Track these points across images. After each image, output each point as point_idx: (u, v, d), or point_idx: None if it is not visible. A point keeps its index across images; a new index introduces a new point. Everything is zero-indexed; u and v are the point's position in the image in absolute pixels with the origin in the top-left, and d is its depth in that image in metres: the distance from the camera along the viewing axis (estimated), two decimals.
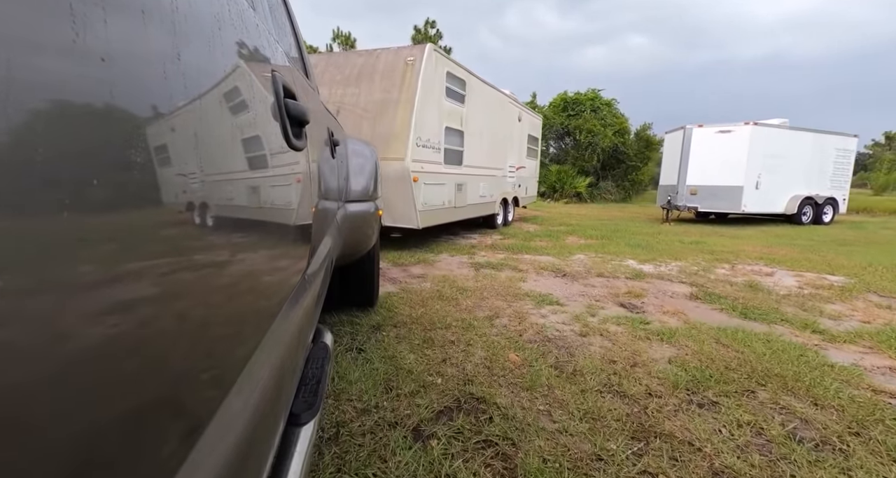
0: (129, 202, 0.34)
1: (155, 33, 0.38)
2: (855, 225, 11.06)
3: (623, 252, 5.66)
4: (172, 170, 0.40)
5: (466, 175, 6.39)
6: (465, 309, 3.06)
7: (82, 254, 0.28)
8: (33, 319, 0.24)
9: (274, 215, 0.75)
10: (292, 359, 0.80)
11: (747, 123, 9.58)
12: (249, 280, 0.60)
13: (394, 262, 4.63)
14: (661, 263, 5.01)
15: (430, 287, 3.62)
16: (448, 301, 3.23)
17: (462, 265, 4.59)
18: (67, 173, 0.27)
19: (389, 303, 3.13)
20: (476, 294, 3.44)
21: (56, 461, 0.25)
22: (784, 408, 1.82)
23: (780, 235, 8.23)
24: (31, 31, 0.24)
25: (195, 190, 0.44)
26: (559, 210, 14.08)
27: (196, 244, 0.45)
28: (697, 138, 10.00)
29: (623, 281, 4.04)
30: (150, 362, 0.35)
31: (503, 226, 8.24)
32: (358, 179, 2.27)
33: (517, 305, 3.21)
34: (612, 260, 5.07)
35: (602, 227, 8.79)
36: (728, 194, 9.76)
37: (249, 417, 0.52)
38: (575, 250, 5.71)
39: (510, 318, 2.91)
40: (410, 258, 4.80)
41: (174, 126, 0.40)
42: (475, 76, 6.51)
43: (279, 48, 1.01)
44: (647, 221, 10.78)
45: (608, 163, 20.66)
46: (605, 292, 3.61)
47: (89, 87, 0.29)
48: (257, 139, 0.67)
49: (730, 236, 7.82)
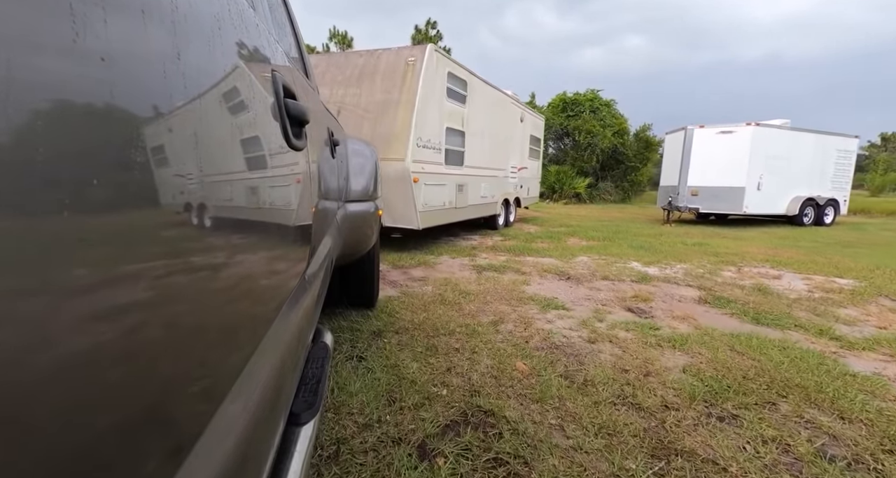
0: (130, 202, 0.34)
1: (155, 33, 0.38)
2: (855, 226, 11.02)
3: (626, 254, 5.57)
4: (172, 170, 0.40)
5: (467, 176, 6.37)
6: (469, 314, 2.96)
7: (83, 254, 0.28)
8: (34, 319, 0.24)
9: (274, 215, 0.75)
10: (292, 359, 0.80)
11: (749, 123, 9.51)
12: (249, 280, 0.60)
13: (393, 264, 4.53)
14: (666, 265, 4.92)
15: (431, 291, 3.52)
16: (451, 305, 3.13)
17: (463, 268, 4.49)
18: (67, 173, 0.27)
19: (390, 307, 3.02)
20: (479, 298, 3.34)
21: (56, 461, 0.25)
22: (809, 422, 1.72)
23: (783, 237, 8.16)
24: (31, 31, 0.24)
25: (195, 190, 0.44)
26: (558, 211, 13.99)
27: (196, 244, 0.45)
28: (699, 139, 9.93)
29: (629, 284, 3.95)
30: (150, 362, 0.35)
31: (504, 227, 8.20)
32: (358, 179, 2.25)
33: (522, 309, 3.11)
34: (615, 262, 4.98)
35: (603, 228, 8.71)
36: (729, 195, 9.68)
37: (250, 416, 0.52)
38: (577, 252, 5.62)
39: (515, 323, 2.81)
40: (411, 260, 4.70)
41: (174, 126, 0.40)
42: (477, 77, 6.48)
43: (279, 48, 1.01)
44: (647, 222, 10.71)
45: (607, 163, 20.60)
46: (611, 296, 3.52)
47: (89, 87, 0.29)
48: (257, 139, 0.67)
49: (732, 238, 7.74)
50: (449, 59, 5.66)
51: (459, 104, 5.99)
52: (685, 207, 10.11)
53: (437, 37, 24.14)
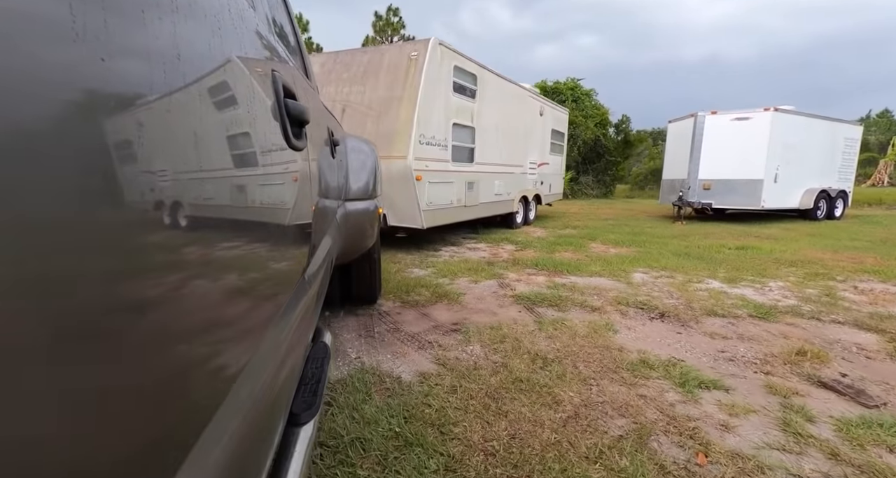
0: (130, 203, 0.33)
1: (155, 33, 0.37)
2: (865, 219, 10.42)
3: (682, 267, 4.42)
4: (172, 170, 0.39)
5: (478, 173, 5.96)
6: (573, 414, 1.67)
7: (83, 254, 0.27)
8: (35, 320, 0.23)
9: (274, 215, 0.75)
10: (292, 358, 0.78)
11: (767, 108, 8.63)
12: (249, 280, 0.59)
13: (401, 298, 3.17)
14: (756, 283, 3.79)
15: (483, 355, 2.20)
16: (533, 392, 1.83)
17: (501, 299, 3.19)
18: (67, 173, 0.26)
19: (437, 411, 1.68)
20: (567, 369, 2.05)
21: (56, 461, 0.25)
22: None
23: (813, 234, 7.27)
24: (31, 31, 0.24)
25: (195, 190, 0.44)
26: (542, 209, 12.87)
27: (196, 244, 0.45)
28: (711, 127, 8.95)
29: (754, 324, 2.75)
30: (149, 361, 0.34)
31: (524, 225, 7.75)
32: (357, 178, 2.18)
33: (647, 391, 1.85)
34: (689, 282, 3.80)
35: (614, 229, 7.59)
36: (747, 189, 8.79)
37: (250, 416, 0.52)
38: (625, 266, 4.42)
39: (669, 435, 1.54)
40: (424, 292, 3.35)
41: (174, 126, 0.40)
42: (488, 70, 6.07)
43: (279, 48, 1.00)
44: (649, 219, 9.72)
45: (588, 156, 19.73)
46: (759, 352, 2.31)
47: (90, 86, 0.29)
48: (257, 139, 0.66)
49: (766, 238, 6.78)
50: (455, 52, 5.27)
51: (468, 99, 5.66)
52: (698, 203, 9.13)
53: (400, 25, 22.52)
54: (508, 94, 6.82)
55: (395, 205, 4.73)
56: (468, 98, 5.64)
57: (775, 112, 8.60)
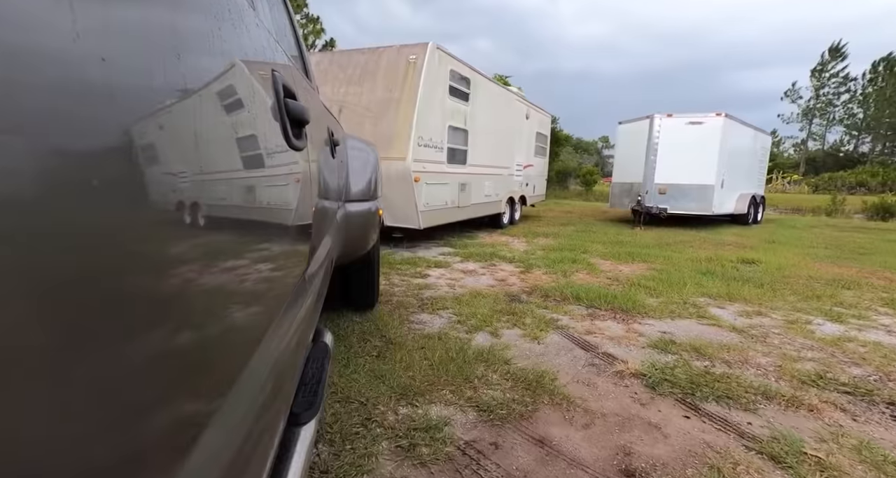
0: (130, 203, 0.32)
1: (155, 33, 0.37)
2: (781, 223, 11.09)
3: (735, 294, 3.61)
4: (172, 170, 0.39)
5: (470, 174, 6.07)
6: None
7: (83, 254, 0.27)
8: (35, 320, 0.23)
9: (274, 215, 0.74)
10: (292, 359, 0.78)
11: (718, 113, 8.56)
12: (249, 280, 0.59)
13: (477, 408, 1.78)
14: (861, 319, 3.05)
15: None
16: None
17: (619, 387, 2.03)
18: (67, 173, 0.26)
19: None
20: None
21: (56, 462, 0.24)
22: None
23: (772, 241, 7.20)
24: (31, 31, 0.23)
25: (196, 190, 0.43)
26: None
27: (196, 244, 0.44)
28: (667, 130, 8.69)
29: None
30: (150, 361, 0.33)
31: (510, 225, 7.83)
32: (358, 179, 2.14)
33: None
34: (797, 324, 2.91)
35: (588, 237, 6.83)
36: (699, 194, 8.64)
37: (250, 416, 0.51)
38: (670, 294, 3.52)
39: None
40: (496, 382, 2.00)
41: (174, 126, 0.39)
42: (480, 74, 6.29)
43: (279, 48, 1.00)
44: (604, 223, 9.24)
45: None
46: None
47: (89, 87, 0.28)
48: (257, 139, 0.66)
49: (743, 247, 6.47)
50: (451, 56, 5.45)
51: (462, 102, 5.81)
52: (656, 208, 8.82)
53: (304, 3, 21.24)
54: (498, 97, 7.04)
55: (392, 206, 4.71)
56: (462, 101, 5.79)
57: (726, 118, 8.56)
